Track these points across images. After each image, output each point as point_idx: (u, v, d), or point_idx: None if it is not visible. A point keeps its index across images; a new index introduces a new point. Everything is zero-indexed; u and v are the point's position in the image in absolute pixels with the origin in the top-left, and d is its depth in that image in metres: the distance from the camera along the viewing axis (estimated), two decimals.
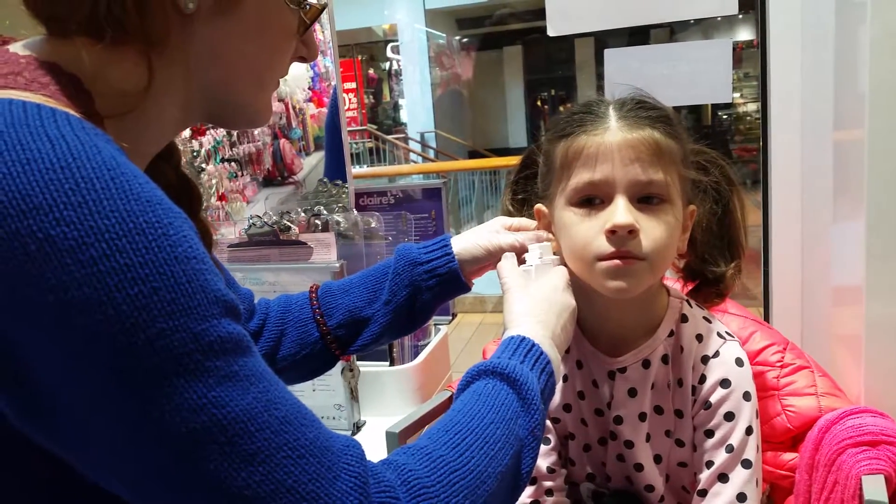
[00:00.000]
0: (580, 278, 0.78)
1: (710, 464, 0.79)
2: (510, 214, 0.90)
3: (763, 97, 1.19)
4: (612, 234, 0.73)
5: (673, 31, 5.25)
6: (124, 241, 0.41)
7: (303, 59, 0.66)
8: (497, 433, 0.59)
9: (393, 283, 0.84)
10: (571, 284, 0.77)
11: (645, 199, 0.75)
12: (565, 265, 0.80)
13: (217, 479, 0.43)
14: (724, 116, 8.89)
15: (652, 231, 0.74)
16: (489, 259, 0.83)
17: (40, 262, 0.40)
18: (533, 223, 0.85)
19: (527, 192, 0.91)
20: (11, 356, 0.41)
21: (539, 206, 0.84)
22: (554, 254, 0.81)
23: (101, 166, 0.42)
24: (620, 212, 0.73)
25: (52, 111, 0.44)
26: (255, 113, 0.62)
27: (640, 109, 0.77)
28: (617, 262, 0.73)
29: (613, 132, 0.75)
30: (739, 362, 0.81)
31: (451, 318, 1.61)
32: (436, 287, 0.83)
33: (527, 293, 0.75)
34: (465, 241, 0.84)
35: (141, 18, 0.50)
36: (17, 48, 0.51)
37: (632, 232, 0.72)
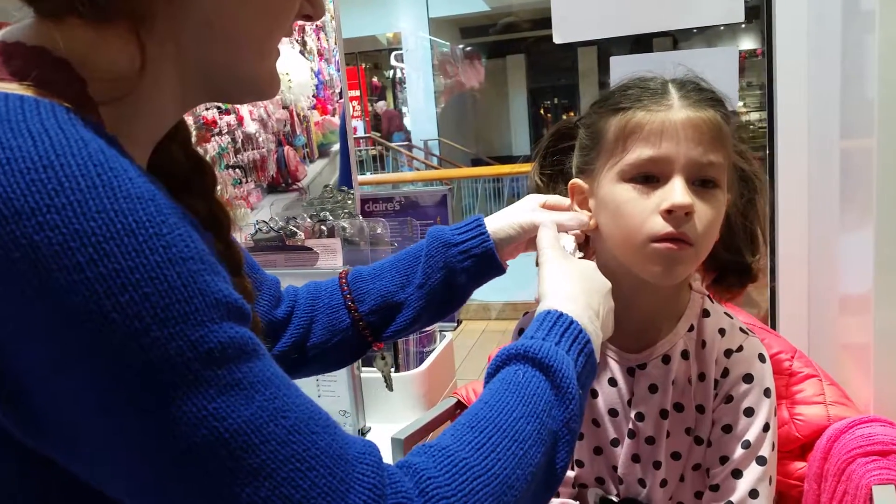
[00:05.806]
0: (618, 259, 0.76)
1: (724, 459, 0.78)
2: (538, 189, 0.87)
3: (770, 106, 1.19)
4: (669, 213, 0.71)
5: (676, 41, 5.25)
6: (112, 244, 0.38)
7: (308, 18, 0.58)
8: (527, 429, 0.54)
9: (426, 265, 0.80)
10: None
11: (699, 181, 0.73)
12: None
13: (220, 496, 0.40)
14: None
15: (705, 214, 0.73)
16: (524, 237, 0.80)
17: (25, 270, 0.37)
18: (565, 200, 0.83)
19: (554, 167, 0.88)
20: (2, 372, 0.39)
21: (576, 181, 0.82)
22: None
23: (87, 162, 0.39)
24: (679, 191, 0.71)
25: (36, 102, 0.41)
26: (263, 84, 0.56)
27: (701, 90, 0.76)
28: (671, 245, 0.72)
29: (677, 110, 0.73)
30: (762, 358, 0.80)
31: (456, 324, 1.61)
32: (471, 268, 0.80)
33: (567, 265, 0.71)
34: (500, 221, 0.81)
35: None
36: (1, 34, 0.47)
37: (688, 214, 0.71)
